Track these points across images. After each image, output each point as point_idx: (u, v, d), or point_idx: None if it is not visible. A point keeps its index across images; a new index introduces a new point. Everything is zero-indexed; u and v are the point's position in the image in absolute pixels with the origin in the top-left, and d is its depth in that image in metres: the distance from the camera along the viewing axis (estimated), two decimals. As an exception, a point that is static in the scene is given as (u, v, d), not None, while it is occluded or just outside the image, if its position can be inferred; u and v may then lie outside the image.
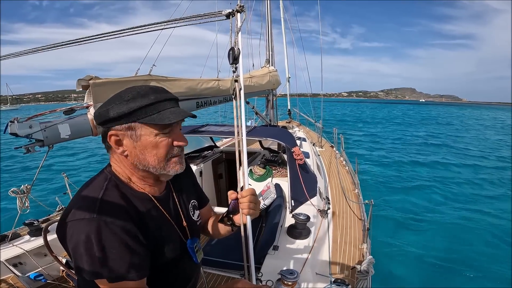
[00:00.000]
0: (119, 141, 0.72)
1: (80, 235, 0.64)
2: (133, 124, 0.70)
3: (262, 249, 1.95)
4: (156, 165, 0.73)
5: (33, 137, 1.34)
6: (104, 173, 0.78)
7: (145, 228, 0.71)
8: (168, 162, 0.75)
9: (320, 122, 6.51)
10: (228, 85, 2.87)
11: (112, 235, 0.64)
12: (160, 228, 0.76)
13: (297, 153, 2.71)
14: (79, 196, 0.72)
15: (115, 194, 0.71)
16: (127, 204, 0.70)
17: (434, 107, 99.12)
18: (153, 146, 0.72)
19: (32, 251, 2.03)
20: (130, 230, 0.67)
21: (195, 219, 0.93)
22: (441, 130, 23.16)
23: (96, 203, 0.67)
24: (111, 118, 0.69)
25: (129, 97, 0.69)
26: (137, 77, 1.99)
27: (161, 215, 0.79)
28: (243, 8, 0.79)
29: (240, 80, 0.78)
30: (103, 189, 0.71)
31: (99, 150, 13.67)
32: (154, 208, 0.77)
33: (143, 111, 0.69)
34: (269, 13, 5.50)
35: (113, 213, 0.66)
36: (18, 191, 2.21)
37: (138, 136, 0.71)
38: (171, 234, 0.81)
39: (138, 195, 0.75)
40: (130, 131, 0.70)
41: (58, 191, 5.45)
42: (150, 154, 0.72)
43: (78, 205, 0.68)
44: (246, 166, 0.82)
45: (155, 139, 0.71)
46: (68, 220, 0.67)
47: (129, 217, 0.68)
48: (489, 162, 11.32)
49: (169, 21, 0.95)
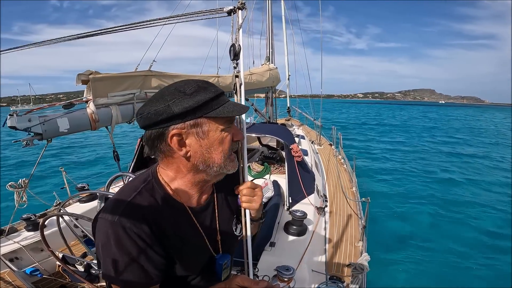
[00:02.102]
0: (182, 141, 0.65)
1: (101, 235, 0.64)
2: (200, 120, 0.64)
3: (259, 245, 1.96)
4: (222, 162, 0.69)
5: (32, 131, 1.34)
6: (147, 174, 0.73)
7: (167, 238, 0.68)
8: (229, 159, 0.70)
9: (319, 120, 6.53)
10: (228, 82, 2.87)
11: (130, 241, 0.62)
12: (185, 239, 0.72)
13: (295, 150, 2.72)
14: (116, 193, 0.71)
15: (146, 198, 0.67)
16: (155, 211, 0.67)
17: (462, 110, 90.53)
18: (220, 142, 0.67)
19: (28, 246, 2.03)
20: (150, 237, 0.64)
21: (237, 233, 0.86)
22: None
23: (122, 206, 0.65)
24: (176, 114, 0.62)
25: (192, 90, 0.63)
26: (137, 72, 1.98)
27: (192, 226, 0.74)
28: (244, 5, 0.80)
29: (240, 76, 0.79)
30: (136, 191, 0.67)
31: (97, 146, 13.64)
32: (186, 219, 0.73)
33: (210, 104, 0.64)
34: (269, 11, 5.49)
35: (134, 219, 0.64)
36: (16, 185, 2.20)
37: (205, 133, 0.65)
38: (198, 248, 0.75)
39: (172, 203, 0.71)
40: (196, 128, 0.65)
41: (56, 186, 5.44)
42: (216, 152, 0.67)
43: (110, 203, 0.67)
44: (246, 161, 0.82)
45: (221, 135, 0.67)
46: (97, 218, 0.66)
47: (153, 224, 0.65)
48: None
49: (171, 17, 0.95)
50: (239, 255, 0.98)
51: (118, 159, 2.12)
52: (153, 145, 0.68)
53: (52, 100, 19.95)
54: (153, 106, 0.64)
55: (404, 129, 23.49)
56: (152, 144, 0.67)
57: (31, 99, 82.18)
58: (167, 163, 0.70)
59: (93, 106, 1.65)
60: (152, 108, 0.63)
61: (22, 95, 22.32)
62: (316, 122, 6.69)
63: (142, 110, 0.66)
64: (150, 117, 0.64)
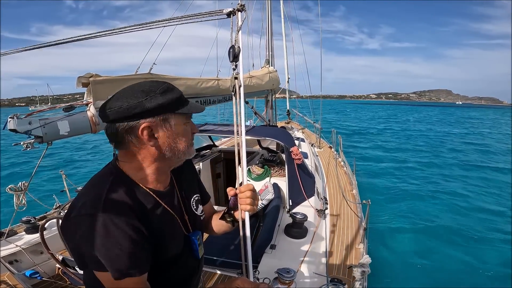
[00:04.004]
0: (151, 133, 0.73)
1: (85, 230, 0.65)
2: (168, 115, 0.75)
3: (260, 248, 1.95)
4: (186, 150, 0.80)
5: (32, 134, 1.34)
6: (109, 168, 0.79)
7: (149, 224, 0.73)
8: (191, 147, 0.83)
9: (319, 123, 6.53)
10: (227, 85, 2.88)
11: (118, 230, 0.65)
12: (163, 223, 0.78)
13: (295, 153, 2.72)
14: (84, 192, 0.74)
15: (120, 189, 0.72)
16: (131, 200, 0.72)
17: (483, 111, 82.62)
18: (183, 133, 0.79)
19: (28, 249, 2.02)
20: (135, 225, 0.68)
21: (198, 213, 0.95)
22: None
23: (101, 199, 0.67)
24: (149, 109, 0.71)
25: (162, 90, 0.73)
26: (137, 75, 1.99)
27: (164, 210, 0.80)
28: (243, 7, 0.80)
29: (240, 78, 0.79)
30: (109, 184, 0.71)
31: (98, 148, 13.65)
32: (157, 203, 0.79)
33: (177, 103, 0.75)
34: (269, 13, 5.52)
35: (118, 209, 0.68)
36: (16, 188, 2.20)
37: (172, 126, 0.76)
38: (174, 229, 0.83)
39: (142, 191, 0.77)
40: (165, 122, 0.74)
41: (56, 189, 5.43)
42: (181, 141, 0.78)
43: (84, 201, 0.69)
44: (245, 163, 0.83)
45: (185, 127, 0.79)
46: (73, 215, 0.68)
47: (133, 213, 0.69)
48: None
49: (171, 19, 0.96)
50: (239, 258, 0.98)
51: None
52: (121, 138, 0.73)
53: (70, 100, 20.42)
54: (124, 102, 0.70)
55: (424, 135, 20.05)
56: (119, 136, 0.73)
57: (49, 99, 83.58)
58: (131, 155, 0.76)
59: (94, 109, 1.65)
60: (124, 103, 0.70)
61: (41, 95, 22.45)
62: (316, 125, 6.70)
63: (110, 105, 0.72)
64: (122, 111, 0.70)
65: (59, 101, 11.93)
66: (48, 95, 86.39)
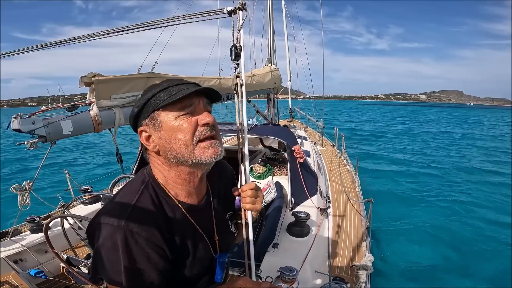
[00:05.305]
0: (148, 136, 0.70)
1: (106, 240, 0.62)
2: (154, 114, 0.67)
3: (262, 246, 1.95)
4: (184, 151, 0.66)
5: (36, 133, 1.35)
6: (143, 174, 0.74)
7: (172, 241, 0.68)
8: (197, 147, 0.67)
9: (322, 121, 6.51)
10: (229, 83, 2.88)
11: (137, 246, 0.62)
12: (187, 241, 0.72)
13: (297, 151, 2.72)
14: (115, 197, 0.70)
15: (148, 200, 0.68)
16: (158, 213, 0.67)
17: (497, 112, 78.52)
18: (176, 130, 0.66)
19: (33, 248, 2.04)
20: (156, 242, 0.64)
21: (233, 230, 0.88)
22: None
23: (127, 210, 0.64)
24: (134, 114, 0.71)
25: (145, 91, 0.70)
26: (139, 74, 1.99)
27: (191, 227, 0.74)
28: (245, 5, 0.80)
29: (242, 76, 0.79)
30: (138, 194, 0.68)
31: (101, 146, 13.72)
32: (185, 219, 0.72)
33: (158, 98, 0.67)
34: (270, 12, 5.49)
35: (142, 223, 0.64)
36: (20, 187, 2.22)
37: (159, 125, 0.67)
38: (198, 249, 0.75)
39: (170, 203, 0.71)
40: (153, 122, 0.68)
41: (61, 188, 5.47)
42: (175, 140, 0.66)
43: (111, 208, 0.68)
44: (247, 162, 0.82)
45: (176, 122, 0.66)
46: (99, 222, 0.65)
47: (157, 228, 0.65)
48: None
49: (171, 19, 0.96)
50: (241, 257, 0.98)
51: (121, 161, 2.13)
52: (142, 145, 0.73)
53: (80, 99, 20.29)
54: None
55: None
56: (142, 144, 0.73)
57: (60, 99, 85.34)
58: (152, 161, 0.74)
59: (96, 109, 1.66)
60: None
61: (52, 95, 22.82)
62: (318, 124, 6.68)
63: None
64: (130, 121, 0.74)
65: (70, 101, 12.07)
66: (59, 95, 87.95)
